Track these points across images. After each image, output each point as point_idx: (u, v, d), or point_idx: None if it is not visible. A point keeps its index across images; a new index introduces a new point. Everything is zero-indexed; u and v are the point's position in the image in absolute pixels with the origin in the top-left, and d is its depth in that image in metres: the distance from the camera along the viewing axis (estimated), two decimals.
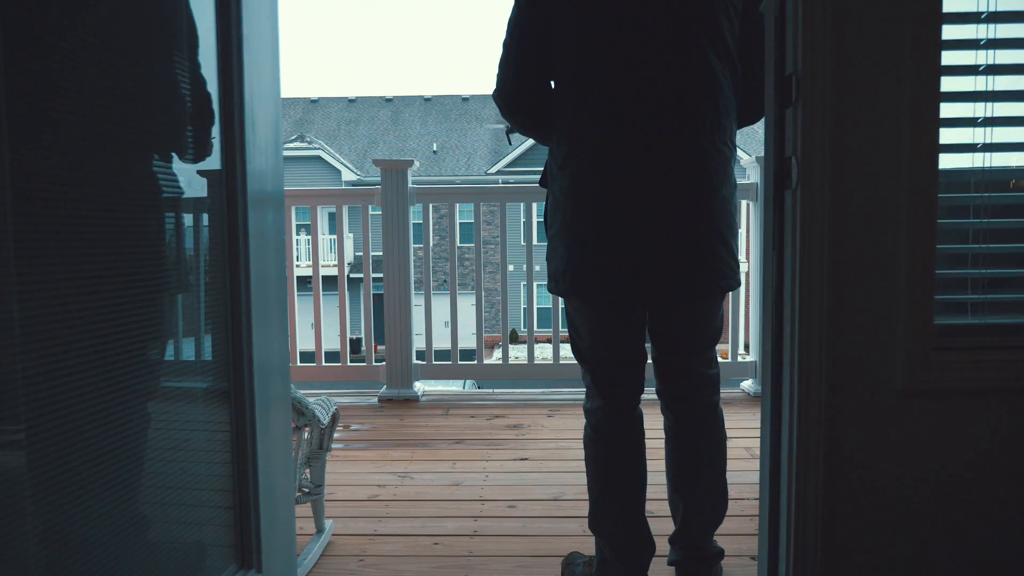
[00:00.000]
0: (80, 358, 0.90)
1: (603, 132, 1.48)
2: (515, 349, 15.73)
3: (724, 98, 1.51)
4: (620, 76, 1.46)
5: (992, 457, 1.37)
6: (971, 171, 1.39)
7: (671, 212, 1.48)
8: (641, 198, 1.47)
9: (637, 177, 1.47)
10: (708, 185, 1.50)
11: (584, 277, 1.53)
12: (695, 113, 1.47)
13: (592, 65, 1.48)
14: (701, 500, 1.70)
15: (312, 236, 3.82)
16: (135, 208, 1.02)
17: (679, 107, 1.46)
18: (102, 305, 0.94)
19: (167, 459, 1.12)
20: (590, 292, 1.54)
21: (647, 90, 1.46)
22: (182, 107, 1.13)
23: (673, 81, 1.46)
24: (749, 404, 3.45)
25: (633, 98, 1.46)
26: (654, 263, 1.49)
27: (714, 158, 1.51)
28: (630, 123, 1.46)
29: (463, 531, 2.12)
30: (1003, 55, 1.35)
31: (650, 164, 1.47)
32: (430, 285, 3.71)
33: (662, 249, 1.49)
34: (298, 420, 1.92)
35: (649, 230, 1.48)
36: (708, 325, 1.65)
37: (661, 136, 1.46)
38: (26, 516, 0.83)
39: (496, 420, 3.27)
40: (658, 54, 1.45)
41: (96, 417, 0.93)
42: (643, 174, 1.47)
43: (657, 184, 1.47)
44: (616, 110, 1.47)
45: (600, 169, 1.48)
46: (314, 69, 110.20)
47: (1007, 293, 1.42)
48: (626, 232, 1.48)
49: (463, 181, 21.61)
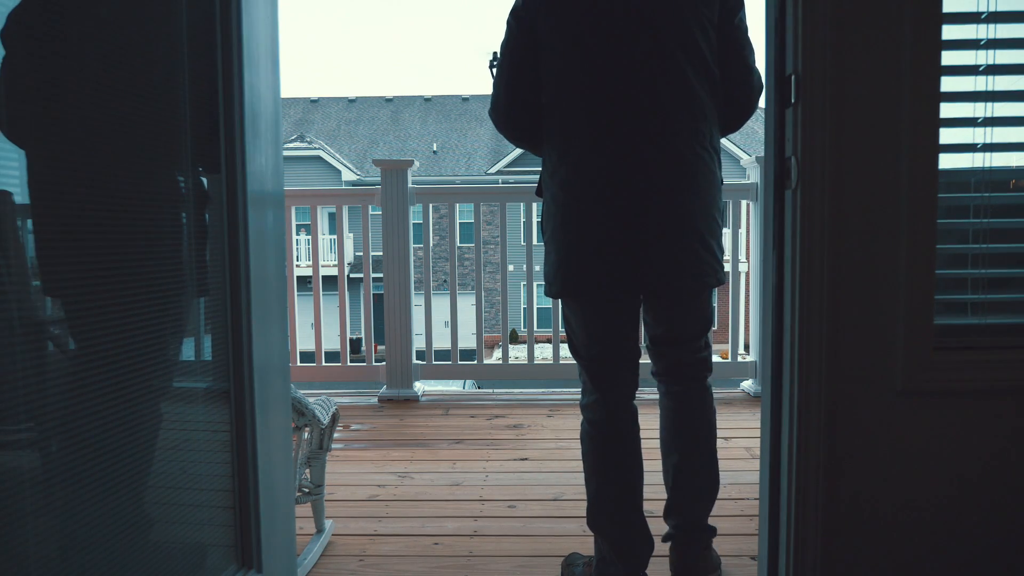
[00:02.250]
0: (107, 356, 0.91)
1: (587, 143, 1.59)
2: (515, 349, 15.73)
3: (701, 106, 1.61)
4: (602, 91, 1.58)
5: (992, 456, 1.37)
6: (971, 171, 1.39)
7: (649, 215, 1.58)
8: (622, 202, 1.57)
9: (618, 183, 1.57)
10: (687, 188, 1.59)
11: (572, 279, 1.63)
12: (673, 121, 1.58)
13: (576, 82, 1.60)
14: (690, 469, 1.79)
15: (312, 236, 3.82)
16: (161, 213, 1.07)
17: (657, 117, 1.57)
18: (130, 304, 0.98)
19: (168, 459, 1.12)
20: (578, 293, 1.65)
21: (627, 103, 1.57)
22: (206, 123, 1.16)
23: (651, 93, 1.57)
24: (749, 404, 3.45)
25: (614, 110, 1.57)
26: (634, 263, 1.59)
27: (693, 163, 1.60)
28: (612, 134, 1.57)
29: (463, 531, 2.12)
30: (1003, 55, 1.35)
31: (630, 170, 1.57)
32: (430, 285, 3.71)
33: (641, 250, 1.58)
34: (298, 420, 1.92)
35: (629, 233, 1.58)
36: (695, 317, 1.76)
37: (641, 145, 1.57)
38: (30, 515, 0.83)
39: (496, 420, 3.27)
40: (637, 70, 1.57)
41: (111, 415, 0.93)
42: (624, 180, 1.57)
43: (637, 188, 1.57)
44: (599, 122, 1.58)
45: (584, 176, 1.59)
46: (314, 69, 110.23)
47: (1007, 293, 1.42)
48: (608, 235, 1.58)
49: (463, 181, 21.60)
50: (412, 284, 3.64)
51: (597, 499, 1.71)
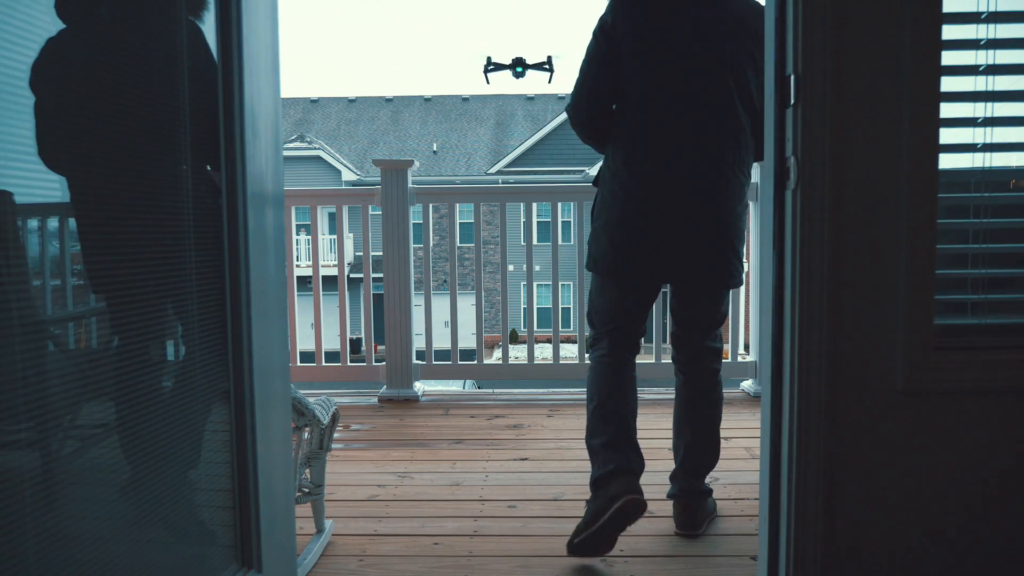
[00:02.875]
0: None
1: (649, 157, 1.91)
2: (515, 349, 15.73)
3: (745, 138, 1.94)
4: (667, 117, 1.89)
5: (992, 456, 1.37)
6: (971, 171, 1.39)
7: (694, 222, 1.91)
8: (672, 209, 1.90)
9: (672, 193, 1.90)
10: (725, 204, 1.92)
11: (621, 262, 1.97)
12: (721, 148, 1.90)
13: (645, 105, 1.90)
14: (697, 441, 2.10)
15: (312, 236, 3.82)
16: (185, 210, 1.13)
17: (709, 143, 1.89)
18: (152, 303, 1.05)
19: (168, 459, 1.12)
20: (624, 274, 1.99)
21: (687, 129, 1.89)
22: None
23: (706, 123, 1.89)
24: (749, 404, 3.45)
25: (675, 133, 1.89)
26: (676, 259, 1.94)
27: (732, 184, 1.93)
28: (670, 152, 1.90)
29: (463, 531, 2.12)
30: (1003, 55, 1.35)
31: (683, 184, 1.90)
32: (430, 285, 3.71)
33: (683, 249, 1.92)
34: (298, 420, 1.92)
35: (675, 234, 1.91)
36: (715, 311, 2.09)
37: (693, 165, 1.89)
38: (31, 514, 0.83)
39: (496, 420, 3.27)
40: (697, 102, 1.89)
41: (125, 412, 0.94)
42: (677, 192, 1.90)
43: (686, 200, 1.90)
44: (661, 143, 1.91)
45: (644, 184, 1.91)
46: (314, 69, 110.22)
47: (1007, 293, 1.42)
48: (658, 234, 1.92)
49: (463, 181, 21.60)
50: (412, 284, 3.64)
51: (596, 412, 1.98)
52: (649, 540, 2.04)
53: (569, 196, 4.11)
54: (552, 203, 3.75)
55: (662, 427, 3.13)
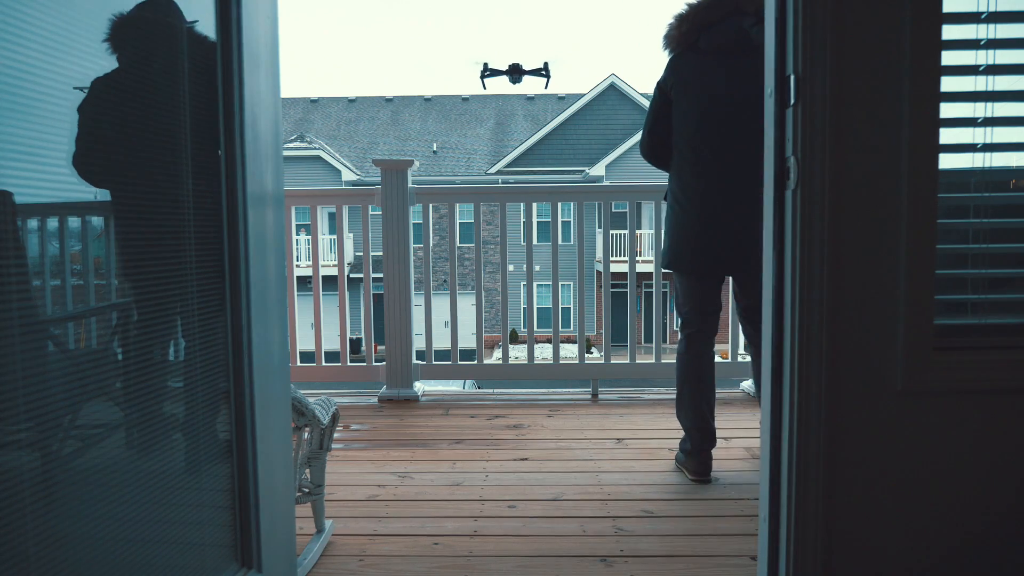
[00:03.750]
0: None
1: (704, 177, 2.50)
2: (515, 349, 15.72)
3: None
4: (714, 149, 2.47)
5: (992, 456, 1.37)
6: (971, 171, 1.39)
7: (740, 228, 2.44)
8: (725, 218, 2.47)
9: (724, 205, 2.47)
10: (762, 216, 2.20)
11: (684, 258, 2.55)
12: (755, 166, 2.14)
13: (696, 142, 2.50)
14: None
15: (312, 236, 3.82)
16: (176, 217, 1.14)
17: (748, 168, 2.35)
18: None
19: (168, 458, 1.12)
20: (689, 267, 2.56)
21: (731, 157, 2.45)
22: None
23: (746, 154, 2.40)
24: (749, 404, 3.45)
25: (722, 159, 2.47)
26: (729, 255, 2.50)
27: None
28: (720, 175, 2.47)
29: (463, 531, 2.12)
30: (1003, 55, 1.35)
31: (731, 199, 2.45)
32: (430, 285, 3.71)
33: (733, 247, 2.47)
34: (298, 420, 1.92)
35: (728, 236, 2.47)
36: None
37: (737, 185, 2.44)
38: (31, 515, 0.83)
39: (496, 420, 3.27)
40: (736, 137, 2.42)
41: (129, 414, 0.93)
42: (727, 204, 2.46)
43: (734, 211, 2.45)
44: (711, 166, 2.48)
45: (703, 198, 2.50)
46: (314, 69, 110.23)
47: (1007, 293, 1.42)
48: (714, 236, 2.49)
49: (463, 181, 21.59)
50: (412, 284, 3.64)
51: (681, 395, 2.57)
52: (649, 540, 2.04)
53: (569, 196, 4.11)
54: (552, 203, 3.75)
55: (662, 427, 3.14)
